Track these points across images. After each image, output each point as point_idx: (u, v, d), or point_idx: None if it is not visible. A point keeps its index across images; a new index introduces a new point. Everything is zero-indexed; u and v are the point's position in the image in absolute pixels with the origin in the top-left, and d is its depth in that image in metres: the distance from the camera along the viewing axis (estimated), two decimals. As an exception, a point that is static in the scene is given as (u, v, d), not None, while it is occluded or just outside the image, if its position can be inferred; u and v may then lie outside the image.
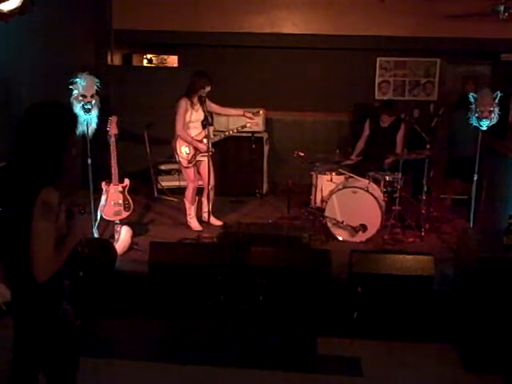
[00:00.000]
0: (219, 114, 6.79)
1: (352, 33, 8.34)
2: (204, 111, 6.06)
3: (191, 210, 6.40)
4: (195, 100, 6.05)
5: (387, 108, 7.00)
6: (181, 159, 6.18)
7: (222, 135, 6.52)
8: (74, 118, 2.62)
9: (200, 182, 6.44)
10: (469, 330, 4.23)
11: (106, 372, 3.95)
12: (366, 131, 7.16)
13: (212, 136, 6.18)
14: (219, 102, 6.40)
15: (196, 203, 6.45)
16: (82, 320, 2.70)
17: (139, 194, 7.49)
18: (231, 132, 6.54)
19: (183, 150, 6.16)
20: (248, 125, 6.43)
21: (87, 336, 4.41)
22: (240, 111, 6.41)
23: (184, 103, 6.04)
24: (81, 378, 2.72)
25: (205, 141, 6.05)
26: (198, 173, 6.33)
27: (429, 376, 4.01)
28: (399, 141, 6.97)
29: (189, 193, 6.36)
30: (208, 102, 6.15)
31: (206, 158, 6.08)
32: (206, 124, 5.99)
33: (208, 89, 6.07)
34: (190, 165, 6.20)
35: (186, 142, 6.11)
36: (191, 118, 6.07)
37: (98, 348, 4.27)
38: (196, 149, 6.13)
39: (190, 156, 6.16)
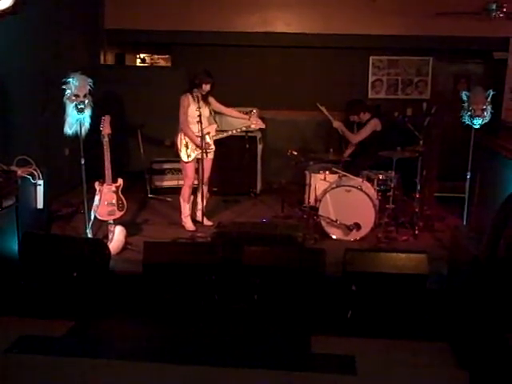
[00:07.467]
0: (222, 114, 6.74)
1: (344, 31, 8.36)
2: (209, 108, 6.21)
3: (186, 209, 6.39)
4: (197, 96, 6.08)
5: (348, 109, 7.51)
6: (182, 154, 6.20)
7: (225, 134, 6.52)
8: None
9: (195, 182, 6.44)
10: (463, 328, 4.24)
11: (99, 372, 3.93)
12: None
13: (214, 133, 6.28)
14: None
15: (191, 202, 6.46)
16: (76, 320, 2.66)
17: (133, 193, 7.46)
18: (235, 131, 6.55)
19: (184, 145, 6.18)
20: (253, 126, 6.46)
21: (81, 336, 4.45)
22: (245, 116, 6.46)
23: (186, 98, 6.11)
24: (75, 378, 2.71)
25: (207, 137, 6.16)
26: (196, 171, 6.33)
27: (423, 374, 4.01)
28: (359, 133, 7.25)
29: (185, 191, 6.36)
30: (213, 100, 6.25)
31: (206, 156, 6.21)
32: (199, 121, 5.99)
33: (207, 87, 6.11)
34: (190, 159, 6.21)
35: (187, 137, 6.14)
36: (194, 114, 6.06)
37: (92, 348, 4.26)
38: (197, 145, 6.15)
39: (190, 151, 6.18)
